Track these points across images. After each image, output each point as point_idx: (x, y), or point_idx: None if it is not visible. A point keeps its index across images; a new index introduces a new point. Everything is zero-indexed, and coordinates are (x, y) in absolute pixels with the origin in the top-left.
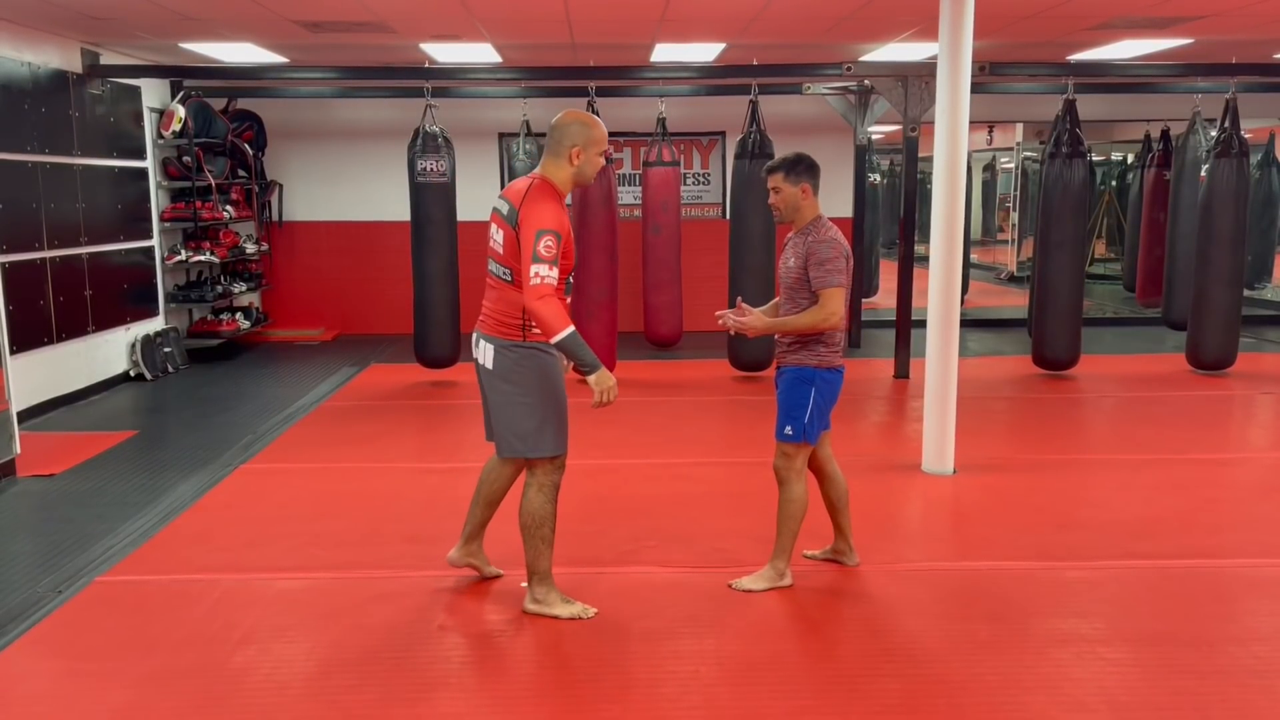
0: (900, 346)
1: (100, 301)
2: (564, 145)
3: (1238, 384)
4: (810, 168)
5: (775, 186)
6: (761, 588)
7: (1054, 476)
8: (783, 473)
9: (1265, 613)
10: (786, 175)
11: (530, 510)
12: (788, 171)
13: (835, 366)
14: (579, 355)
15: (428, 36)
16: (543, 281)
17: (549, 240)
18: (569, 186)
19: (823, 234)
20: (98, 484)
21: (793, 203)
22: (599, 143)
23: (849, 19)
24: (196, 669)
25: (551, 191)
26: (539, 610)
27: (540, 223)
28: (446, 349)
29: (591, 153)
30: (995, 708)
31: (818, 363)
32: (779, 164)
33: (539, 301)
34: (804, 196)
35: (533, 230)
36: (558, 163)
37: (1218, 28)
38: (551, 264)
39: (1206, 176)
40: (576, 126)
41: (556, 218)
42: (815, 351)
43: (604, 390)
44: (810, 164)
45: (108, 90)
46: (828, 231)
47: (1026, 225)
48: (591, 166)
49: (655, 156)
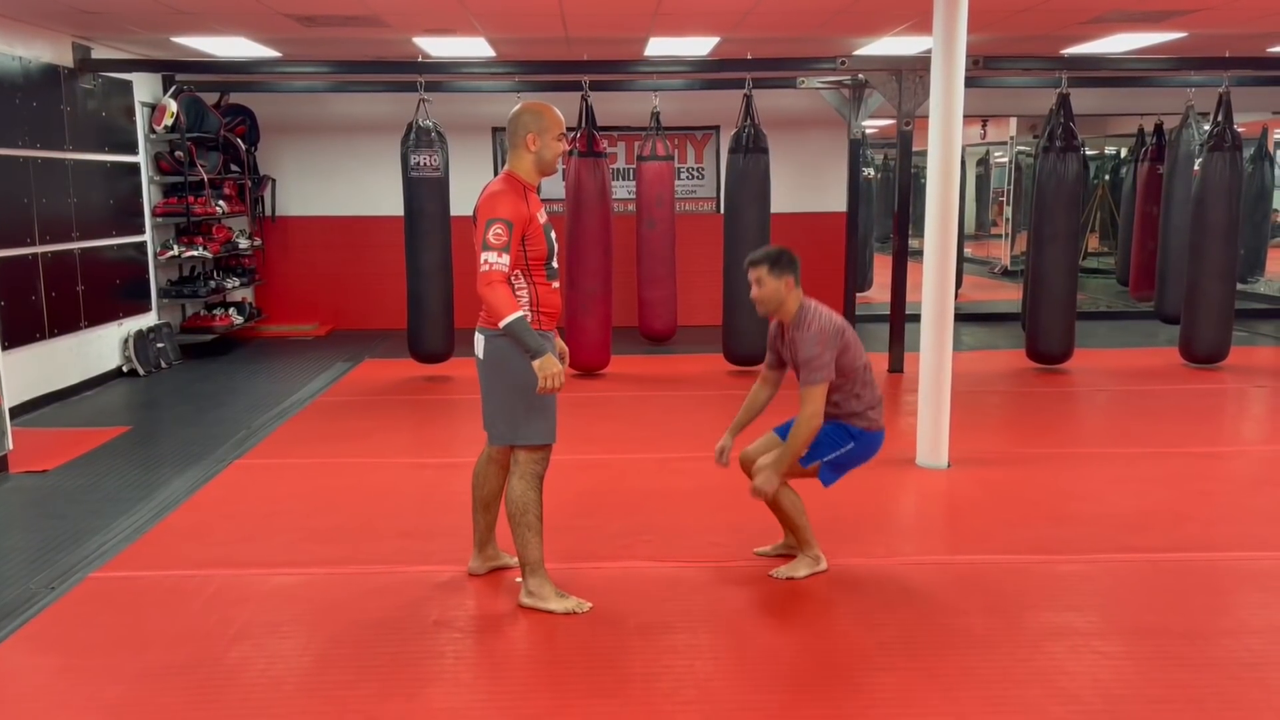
0: (894, 341)
1: (92, 297)
2: (520, 135)
3: (1231, 377)
4: (792, 261)
5: (758, 279)
6: (803, 574)
7: (1048, 470)
8: (768, 490)
9: (1258, 605)
10: (771, 269)
11: (513, 498)
12: (771, 265)
13: (879, 429)
14: (524, 340)
15: (421, 31)
16: (491, 268)
17: (498, 228)
18: (534, 176)
19: (809, 328)
20: (91, 480)
21: (777, 297)
22: (553, 127)
23: (843, 13)
24: (191, 665)
25: (513, 183)
26: (533, 604)
27: (491, 212)
28: (441, 344)
29: (547, 138)
30: (990, 701)
31: (866, 425)
32: (761, 258)
33: (486, 287)
34: (788, 289)
35: (484, 220)
36: (518, 154)
37: (1211, 21)
38: (500, 251)
39: (1199, 170)
40: (528, 115)
41: (510, 207)
42: (863, 416)
43: (547, 375)
44: (791, 258)
45: (99, 85)
46: (815, 322)
47: (1020, 219)
48: (550, 151)
49: (649, 151)
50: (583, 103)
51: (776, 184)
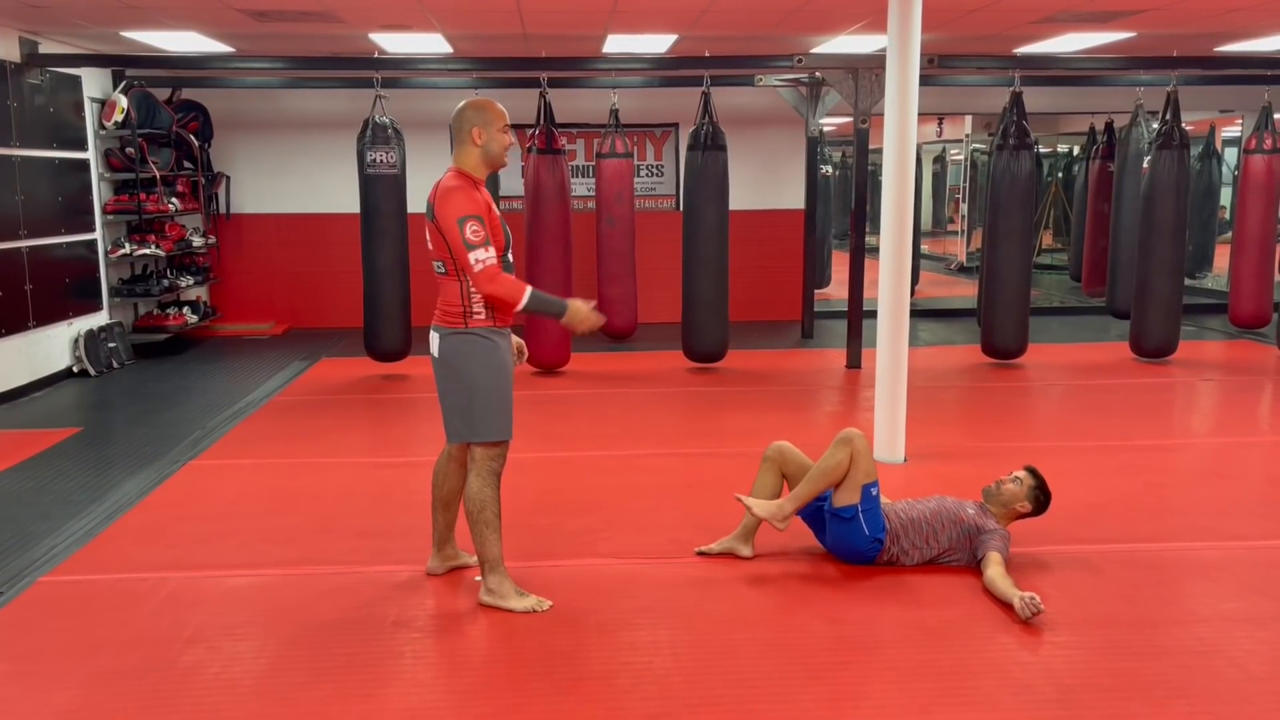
0: (852, 337)
1: (41, 296)
2: (465, 130)
3: (1179, 371)
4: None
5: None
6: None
7: (1003, 464)
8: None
9: (1205, 594)
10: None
11: (470, 495)
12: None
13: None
14: (547, 310)
15: (377, 26)
16: (484, 265)
17: (473, 225)
18: (482, 170)
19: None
20: (40, 482)
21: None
22: (497, 119)
23: (798, 11)
24: (144, 669)
25: (463, 179)
26: (493, 602)
27: (457, 210)
28: (397, 342)
29: (492, 130)
30: (946, 692)
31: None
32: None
33: (490, 284)
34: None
35: (452, 220)
36: (464, 149)
37: (1159, 22)
38: (484, 245)
39: (1148, 168)
40: (471, 110)
41: (472, 201)
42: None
43: (582, 321)
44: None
45: (47, 80)
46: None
47: (976, 216)
48: (497, 144)
49: (608, 148)
50: (541, 99)
51: (735, 181)
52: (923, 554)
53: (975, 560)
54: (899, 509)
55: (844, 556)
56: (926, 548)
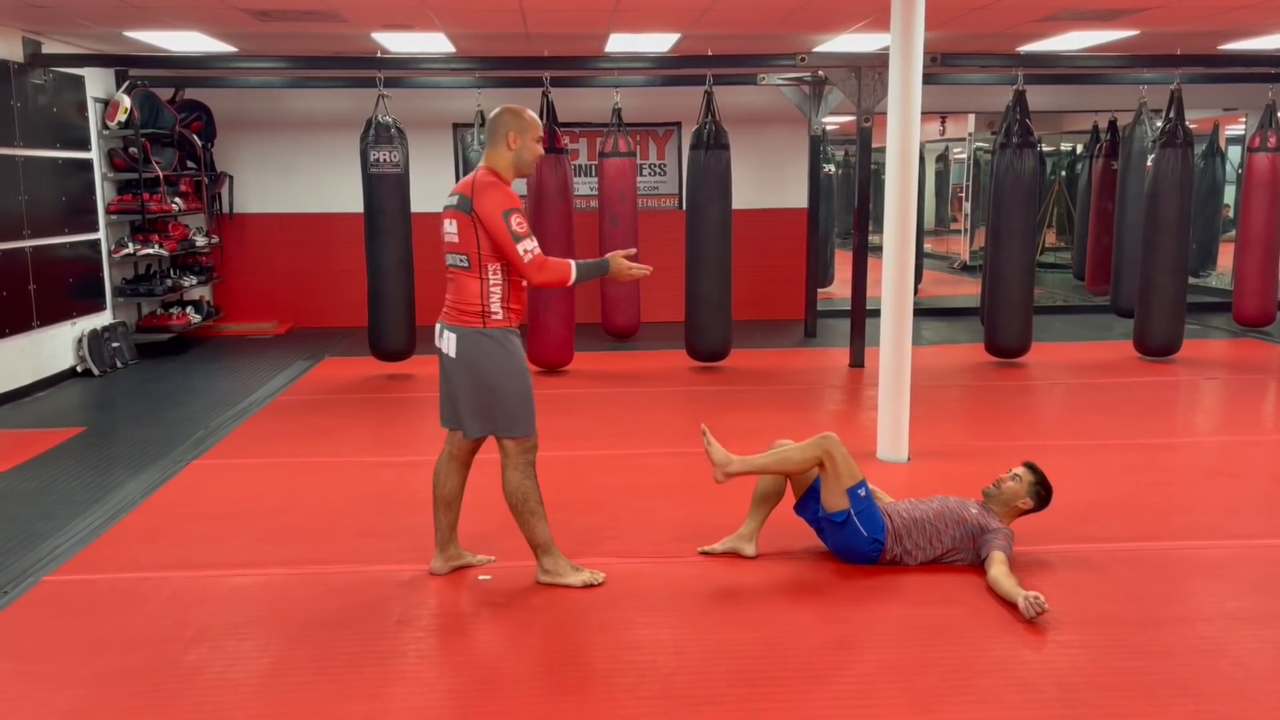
0: (855, 336)
1: (45, 296)
2: (500, 133)
3: (1183, 370)
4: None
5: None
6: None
7: (1006, 462)
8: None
9: (1209, 593)
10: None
11: (512, 489)
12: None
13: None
14: (594, 274)
15: (379, 26)
16: (532, 255)
17: (517, 217)
18: (511, 174)
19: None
20: (44, 482)
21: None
22: (532, 129)
23: (801, 10)
24: (147, 668)
25: (498, 177)
26: (550, 580)
27: (502, 204)
28: (401, 341)
29: (527, 138)
30: (949, 691)
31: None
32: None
33: (540, 272)
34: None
35: (497, 213)
36: (497, 150)
37: (1162, 20)
38: (529, 235)
39: (1152, 167)
40: (509, 116)
41: (511, 196)
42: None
43: (626, 271)
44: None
45: (50, 80)
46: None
47: (979, 215)
48: (529, 152)
49: (611, 147)
50: (544, 99)
51: (738, 180)
52: (927, 554)
53: (979, 560)
54: (901, 509)
55: (847, 558)
56: (930, 548)
